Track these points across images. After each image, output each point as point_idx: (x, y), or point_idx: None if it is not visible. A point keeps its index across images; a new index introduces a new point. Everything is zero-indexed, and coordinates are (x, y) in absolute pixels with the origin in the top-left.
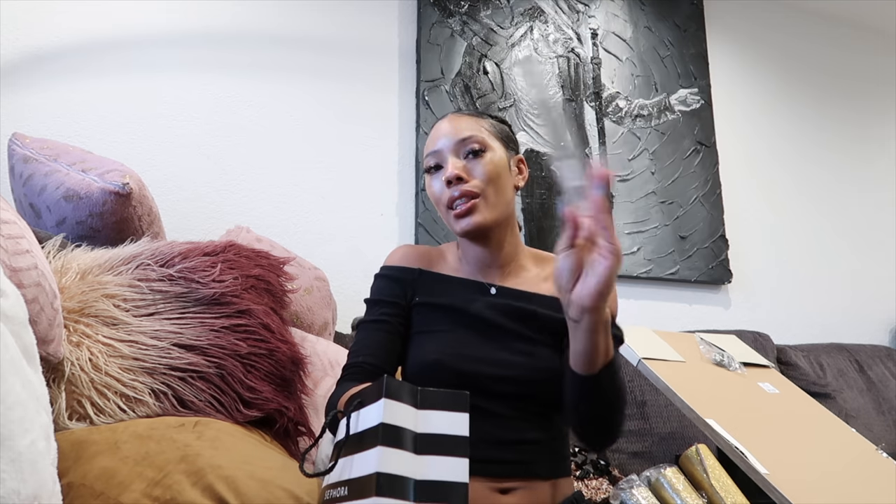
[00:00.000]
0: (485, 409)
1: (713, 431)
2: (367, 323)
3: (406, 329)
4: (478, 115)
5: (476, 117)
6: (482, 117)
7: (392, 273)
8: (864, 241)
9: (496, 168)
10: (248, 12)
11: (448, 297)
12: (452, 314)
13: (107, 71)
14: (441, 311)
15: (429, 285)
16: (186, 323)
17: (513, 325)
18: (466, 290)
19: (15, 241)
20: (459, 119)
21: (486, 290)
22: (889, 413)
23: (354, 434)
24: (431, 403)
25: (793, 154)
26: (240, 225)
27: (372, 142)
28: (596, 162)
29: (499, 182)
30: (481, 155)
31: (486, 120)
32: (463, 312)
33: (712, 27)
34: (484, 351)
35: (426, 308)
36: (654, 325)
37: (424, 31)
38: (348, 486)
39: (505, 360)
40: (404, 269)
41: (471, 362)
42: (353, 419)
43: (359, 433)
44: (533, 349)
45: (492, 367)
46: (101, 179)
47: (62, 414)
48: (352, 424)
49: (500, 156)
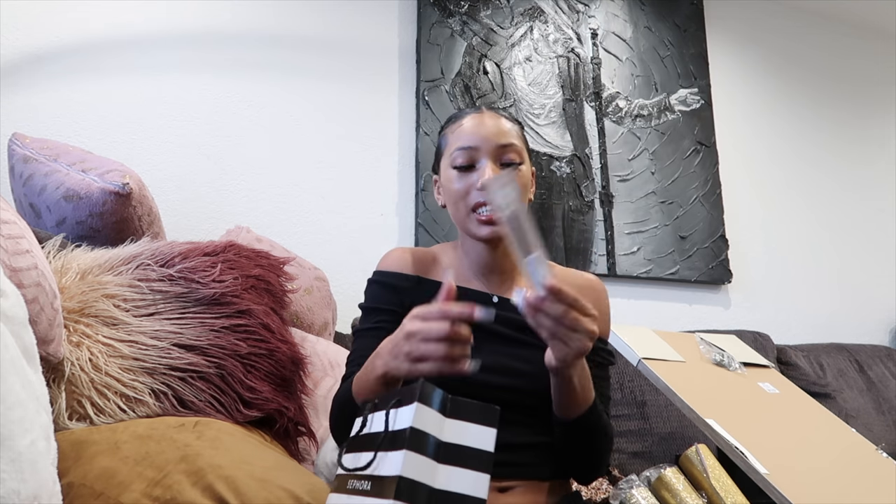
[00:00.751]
0: None
1: (713, 431)
2: (364, 331)
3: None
4: (509, 118)
5: (511, 122)
6: (513, 122)
7: (387, 279)
8: (864, 241)
9: (526, 183)
10: (248, 13)
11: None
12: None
13: (107, 71)
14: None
15: (429, 294)
16: (186, 323)
17: (516, 334)
18: (469, 300)
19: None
20: (501, 121)
21: (489, 301)
22: (889, 413)
23: (391, 431)
24: (461, 414)
25: (793, 154)
26: (240, 225)
27: (372, 142)
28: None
29: (524, 196)
30: (517, 168)
31: (516, 126)
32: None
33: (712, 27)
34: (490, 359)
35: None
36: (654, 325)
37: (424, 31)
38: (371, 481)
39: (510, 368)
40: (400, 276)
41: (478, 371)
42: (391, 416)
43: (393, 432)
44: (536, 358)
45: (497, 375)
46: (101, 179)
47: (62, 414)
48: (390, 421)
49: (529, 170)
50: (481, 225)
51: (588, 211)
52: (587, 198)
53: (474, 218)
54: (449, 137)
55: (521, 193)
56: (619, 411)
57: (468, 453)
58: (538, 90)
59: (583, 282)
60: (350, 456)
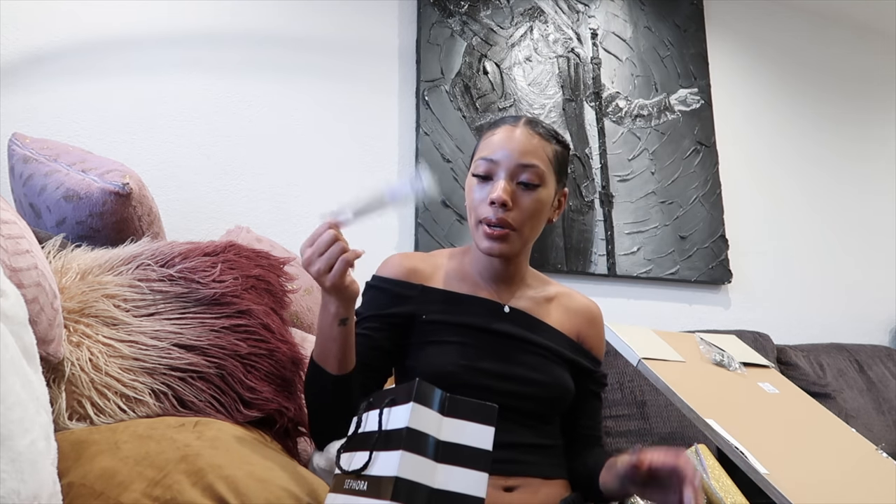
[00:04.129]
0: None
1: (713, 431)
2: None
3: (393, 343)
4: (547, 136)
5: (544, 140)
6: (549, 140)
7: (388, 286)
8: (864, 241)
9: (542, 206)
10: (248, 12)
11: (462, 315)
12: (467, 330)
13: (107, 71)
14: (454, 327)
15: (437, 302)
16: (186, 323)
17: (526, 344)
18: (482, 307)
19: (15, 241)
20: (528, 136)
21: (500, 309)
22: (889, 413)
23: (384, 431)
24: (459, 412)
25: (793, 154)
26: (240, 225)
27: (372, 142)
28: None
29: (539, 219)
30: (534, 189)
31: (552, 145)
32: (479, 329)
33: (712, 27)
34: (500, 366)
35: (437, 324)
36: (654, 325)
37: (424, 31)
38: (368, 481)
39: (521, 376)
40: (402, 284)
41: (486, 376)
42: (384, 415)
43: (386, 431)
44: (546, 366)
45: (506, 381)
46: (101, 179)
47: (62, 414)
48: (383, 420)
49: (549, 192)
50: (487, 240)
51: (588, 211)
52: (587, 198)
53: (481, 230)
54: (480, 143)
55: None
56: (619, 411)
57: (467, 452)
58: (538, 90)
59: (580, 307)
60: (346, 456)
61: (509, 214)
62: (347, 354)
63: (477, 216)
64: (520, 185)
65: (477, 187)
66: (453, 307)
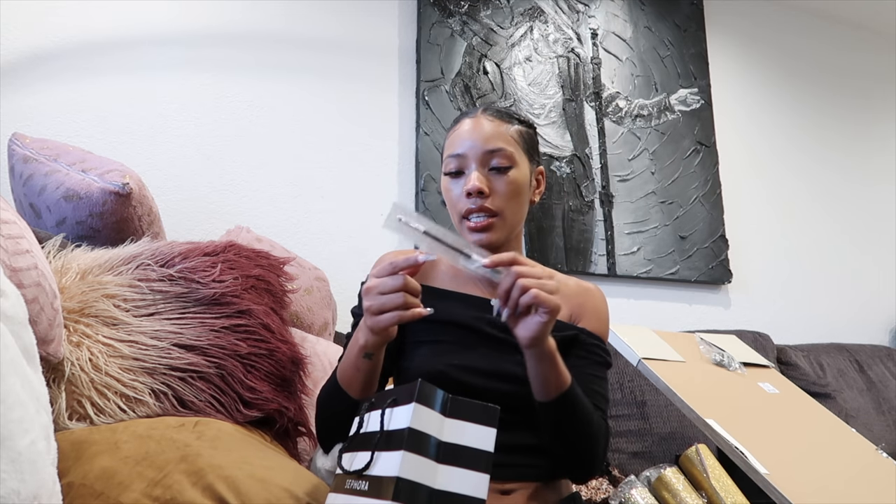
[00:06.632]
0: None
1: (713, 431)
2: (351, 336)
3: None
4: (507, 118)
5: (505, 122)
6: (510, 122)
7: None
8: (864, 241)
9: (519, 186)
10: (248, 13)
11: (451, 313)
12: (457, 329)
13: (107, 71)
14: (444, 325)
15: (428, 300)
16: (186, 323)
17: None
18: (470, 306)
19: (15, 241)
20: (488, 123)
21: (490, 306)
22: (889, 413)
23: (386, 431)
24: (461, 413)
25: (792, 154)
26: (240, 225)
27: (372, 142)
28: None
29: (518, 200)
30: (506, 171)
31: (514, 126)
32: (468, 328)
33: (712, 27)
34: (494, 366)
35: (430, 323)
36: (654, 325)
37: (424, 31)
38: (369, 481)
39: (513, 374)
40: None
41: (477, 375)
42: (386, 415)
43: (388, 431)
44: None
45: (499, 381)
46: (101, 179)
47: (62, 414)
48: (385, 420)
49: (523, 172)
50: (472, 233)
51: (588, 211)
52: (587, 198)
53: (465, 225)
54: (445, 143)
55: (513, 196)
56: (619, 411)
57: (469, 453)
58: (538, 90)
59: (572, 291)
60: (347, 455)
61: (488, 201)
62: (370, 384)
63: (458, 212)
64: (492, 171)
65: (452, 185)
66: (447, 305)
